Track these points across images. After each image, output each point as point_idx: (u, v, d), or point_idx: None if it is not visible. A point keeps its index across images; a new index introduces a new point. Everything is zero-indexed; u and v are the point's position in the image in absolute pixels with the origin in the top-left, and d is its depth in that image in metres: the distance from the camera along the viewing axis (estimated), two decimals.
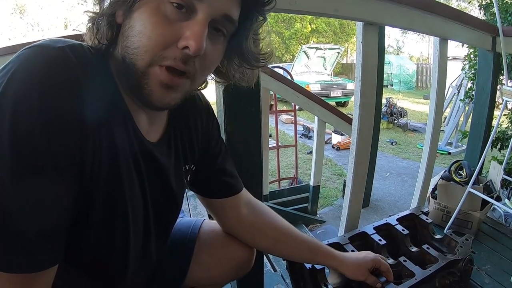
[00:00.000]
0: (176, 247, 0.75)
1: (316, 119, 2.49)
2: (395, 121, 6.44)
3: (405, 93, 11.81)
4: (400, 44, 24.45)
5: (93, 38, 0.46)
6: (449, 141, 4.88)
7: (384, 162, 4.36)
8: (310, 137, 5.45)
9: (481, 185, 1.59)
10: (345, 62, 17.14)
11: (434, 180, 1.68)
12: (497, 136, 2.37)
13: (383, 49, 2.86)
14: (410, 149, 5.10)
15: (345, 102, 9.11)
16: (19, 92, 0.37)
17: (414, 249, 1.09)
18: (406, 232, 1.13)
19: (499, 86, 1.93)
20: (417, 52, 23.51)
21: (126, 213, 0.50)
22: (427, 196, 1.62)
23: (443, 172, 1.69)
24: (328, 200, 3.27)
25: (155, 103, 0.46)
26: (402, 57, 16.40)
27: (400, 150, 5.05)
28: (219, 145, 0.72)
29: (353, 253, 0.92)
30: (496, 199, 1.55)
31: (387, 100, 6.59)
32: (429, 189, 1.61)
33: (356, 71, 1.12)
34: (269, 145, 2.95)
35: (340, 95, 8.61)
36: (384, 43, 3.08)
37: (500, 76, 1.91)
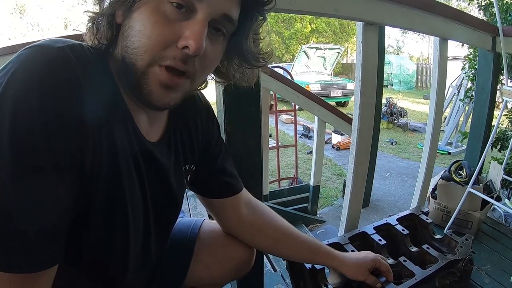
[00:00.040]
0: (176, 247, 0.75)
1: (316, 119, 2.49)
2: (395, 121, 6.44)
3: (405, 93, 11.81)
4: (400, 44, 24.50)
5: (93, 38, 0.46)
6: (449, 141, 4.88)
7: (384, 162, 4.36)
8: (310, 137, 5.45)
9: (481, 185, 1.58)
10: (345, 62, 17.14)
11: (434, 180, 1.68)
12: (497, 137, 2.37)
13: (383, 49, 2.86)
14: (410, 149, 5.10)
15: (345, 102, 9.12)
16: (19, 92, 0.37)
17: (414, 249, 1.09)
18: (406, 232, 1.13)
19: (499, 86, 1.93)
20: (417, 52, 23.56)
21: (126, 213, 0.50)
22: (427, 196, 1.62)
23: (443, 172, 1.69)
24: (328, 200, 3.27)
25: (155, 103, 0.46)
26: (402, 57, 16.40)
27: (400, 150, 5.05)
28: (219, 145, 0.72)
29: (353, 253, 0.92)
30: (496, 199, 1.55)
31: (387, 100, 6.58)
32: (429, 189, 1.61)
33: (356, 71, 1.12)
34: (269, 145, 2.95)
35: (340, 95, 8.62)
36: (384, 43, 3.08)
37: (500, 76, 1.91)
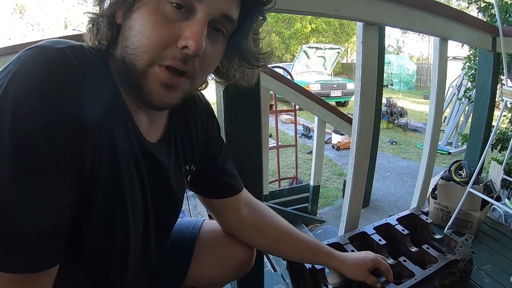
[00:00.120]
0: (177, 247, 0.75)
1: (316, 119, 2.49)
2: (395, 121, 6.43)
3: (405, 93, 11.81)
4: (400, 44, 24.49)
5: (93, 39, 0.46)
6: (449, 141, 4.88)
7: (384, 162, 4.36)
8: (310, 137, 5.44)
9: (481, 185, 1.59)
10: (345, 62, 17.14)
11: (434, 180, 1.68)
12: (497, 137, 2.36)
13: (383, 49, 2.86)
14: (410, 149, 5.10)
15: (345, 102, 9.12)
16: (20, 93, 0.37)
17: (414, 249, 1.09)
18: (406, 232, 1.13)
19: (499, 86, 1.93)
20: (417, 52, 23.56)
21: (126, 213, 0.50)
22: (427, 196, 1.62)
23: (443, 172, 1.69)
24: (328, 200, 3.27)
25: (155, 103, 0.47)
26: (402, 57, 16.39)
27: (400, 150, 5.04)
28: (219, 145, 0.72)
29: (353, 253, 0.92)
30: (496, 199, 1.55)
31: (387, 100, 6.58)
32: (429, 189, 1.61)
33: (356, 71, 1.12)
34: (269, 145, 2.95)
35: (340, 95, 8.62)
36: (384, 43, 3.08)
37: (500, 76, 1.91)
